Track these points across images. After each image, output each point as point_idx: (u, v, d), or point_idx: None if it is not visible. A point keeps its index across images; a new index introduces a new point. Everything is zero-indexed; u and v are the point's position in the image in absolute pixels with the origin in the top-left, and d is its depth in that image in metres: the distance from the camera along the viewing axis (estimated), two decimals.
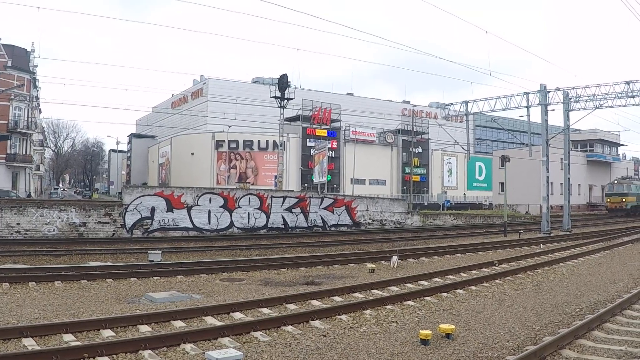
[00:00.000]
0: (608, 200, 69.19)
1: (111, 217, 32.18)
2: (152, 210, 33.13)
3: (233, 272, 19.17)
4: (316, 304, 13.58)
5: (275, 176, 55.70)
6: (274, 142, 69.45)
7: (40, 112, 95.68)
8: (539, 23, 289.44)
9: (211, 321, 11.52)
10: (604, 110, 45.06)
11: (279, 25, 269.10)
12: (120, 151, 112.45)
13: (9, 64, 68.57)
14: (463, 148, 51.48)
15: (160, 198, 33.58)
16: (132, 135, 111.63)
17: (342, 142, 78.30)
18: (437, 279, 17.80)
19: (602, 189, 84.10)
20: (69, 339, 9.86)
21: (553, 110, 40.74)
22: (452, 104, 47.99)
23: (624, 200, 66.08)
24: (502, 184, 57.55)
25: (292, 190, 45.24)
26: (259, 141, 74.91)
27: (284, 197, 38.62)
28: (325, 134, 75.52)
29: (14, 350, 9.19)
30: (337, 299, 14.27)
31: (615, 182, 70.01)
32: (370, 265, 20.42)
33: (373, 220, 43.57)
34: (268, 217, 37.41)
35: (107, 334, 10.29)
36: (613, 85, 37.38)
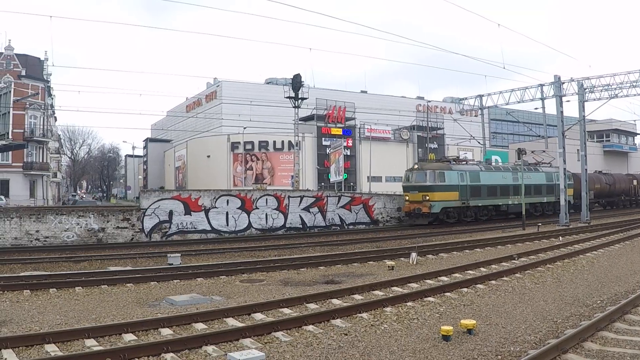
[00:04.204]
0: (406, 197, 41.76)
1: (129, 221, 32.32)
2: (170, 213, 33.23)
3: (253, 273, 19.18)
4: (336, 302, 13.58)
5: (292, 176, 55.74)
6: (290, 142, 69.52)
7: (55, 119, 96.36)
8: (551, 14, 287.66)
9: (232, 322, 11.54)
10: (619, 100, 44.81)
11: (291, 25, 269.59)
12: (136, 156, 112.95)
13: (23, 73, 69.20)
14: (479, 142, 51.31)
15: (177, 201, 33.68)
16: (148, 140, 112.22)
17: (357, 140, 78.24)
18: (456, 275, 17.74)
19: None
20: (91, 344, 9.90)
21: (568, 101, 40.56)
22: (466, 98, 47.96)
23: (427, 198, 39.53)
24: None
25: (309, 190, 45.23)
26: (274, 142, 75.02)
27: (301, 197, 38.61)
28: (341, 133, 75.49)
29: (36, 357, 9.28)
30: (358, 297, 14.26)
31: (416, 167, 42.81)
32: (389, 263, 20.38)
33: (391, 218, 43.47)
34: (286, 217, 37.42)
35: (129, 338, 10.34)
36: (627, 74, 37.13)
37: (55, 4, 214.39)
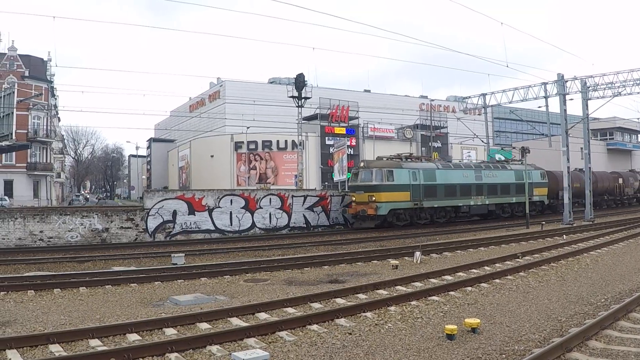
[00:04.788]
0: (353, 198, 37.78)
1: (133, 221, 32.34)
2: (174, 213, 33.25)
3: (256, 272, 19.20)
4: (341, 302, 13.58)
5: (296, 175, 55.67)
6: (293, 141, 69.49)
7: (59, 120, 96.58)
8: (554, 12, 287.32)
9: (236, 322, 11.55)
10: (622, 98, 44.75)
11: (294, 25, 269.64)
12: (140, 156, 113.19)
13: (26, 73, 69.40)
14: (482, 141, 51.29)
15: (181, 201, 33.70)
16: (151, 140, 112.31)
17: (361, 139, 78.19)
18: (460, 273, 17.74)
19: None
20: (96, 344, 9.92)
21: (571, 99, 40.57)
22: (469, 97, 47.98)
23: (373, 198, 35.91)
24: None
25: (313, 189, 45.24)
26: (277, 141, 74.98)
27: (305, 196, 38.58)
28: (344, 132, 75.34)
29: (41, 357, 9.29)
30: (362, 296, 14.27)
31: (362, 165, 39.44)
32: (393, 262, 20.41)
33: None
34: (290, 217, 37.40)
35: (133, 337, 10.36)
36: (631, 72, 37.13)
37: (58, 5, 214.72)
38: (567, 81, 39.18)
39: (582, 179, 50.25)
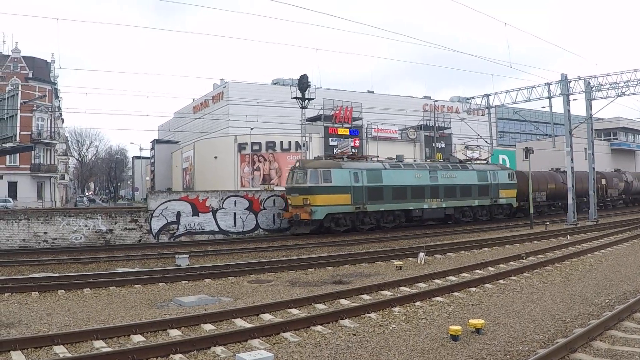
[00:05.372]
0: (289, 201, 35.22)
1: (137, 223, 32.38)
2: (178, 215, 33.29)
3: (261, 273, 19.22)
4: (345, 302, 13.59)
5: None
6: (297, 142, 69.41)
7: (63, 121, 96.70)
8: (557, 13, 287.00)
9: (241, 323, 11.56)
10: (626, 98, 44.62)
11: (297, 26, 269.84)
12: (143, 157, 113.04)
13: (30, 75, 69.52)
14: (486, 141, 51.22)
15: (185, 202, 33.74)
16: (155, 141, 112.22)
17: (364, 140, 78.09)
18: (465, 274, 17.73)
19: None
20: (100, 346, 9.95)
21: (575, 99, 40.51)
22: (473, 97, 47.87)
23: (308, 202, 33.13)
24: None
25: None
26: (281, 142, 74.91)
27: None
28: (348, 133, 75.28)
29: (45, 359, 9.31)
30: (366, 297, 14.27)
31: (297, 165, 36.03)
32: (397, 263, 20.40)
33: None
34: None
35: (138, 339, 10.38)
36: (635, 72, 37.02)
37: (61, 7, 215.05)
38: (570, 81, 39.12)
39: (557, 180, 49.31)
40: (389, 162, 39.62)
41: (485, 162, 46.56)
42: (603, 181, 55.97)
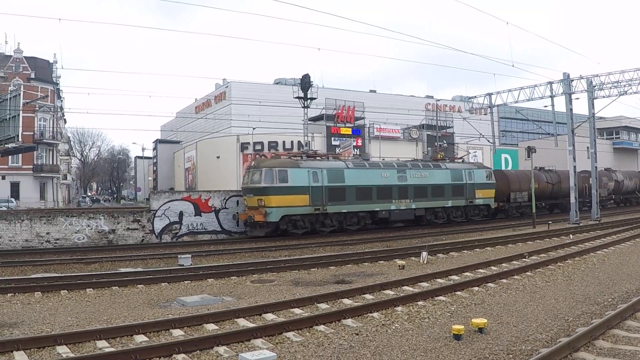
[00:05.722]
0: (245, 202, 33.88)
1: (140, 223, 32.41)
2: (180, 214, 33.31)
3: (263, 273, 19.22)
4: (347, 302, 13.60)
5: None
6: (299, 142, 69.36)
7: (65, 122, 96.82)
8: (559, 12, 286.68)
9: (243, 323, 11.57)
10: (628, 97, 44.58)
11: (299, 25, 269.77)
12: (146, 157, 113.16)
13: (32, 75, 69.59)
14: (488, 140, 51.14)
15: (187, 202, 33.76)
16: (157, 141, 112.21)
17: (367, 140, 78.05)
18: (467, 273, 17.74)
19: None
20: (103, 346, 9.97)
21: (577, 98, 40.49)
22: (475, 96, 47.78)
23: (262, 203, 31.61)
24: None
25: None
26: (283, 142, 74.85)
27: None
28: (350, 132, 75.24)
29: (48, 359, 9.33)
30: (368, 296, 14.27)
31: (252, 164, 35.07)
32: (400, 262, 20.41)
33: None
34: None
35: (141, 339, 10.39)
36: (637, 71, 36.96)
37: (63, 7, 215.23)
38: (572, 80, 39.09)
39: (542, 179, 47.61)
40: (353, 161, 38.74)
41: (461, 160, 45.68)
42: (591, 180, 54.15)
